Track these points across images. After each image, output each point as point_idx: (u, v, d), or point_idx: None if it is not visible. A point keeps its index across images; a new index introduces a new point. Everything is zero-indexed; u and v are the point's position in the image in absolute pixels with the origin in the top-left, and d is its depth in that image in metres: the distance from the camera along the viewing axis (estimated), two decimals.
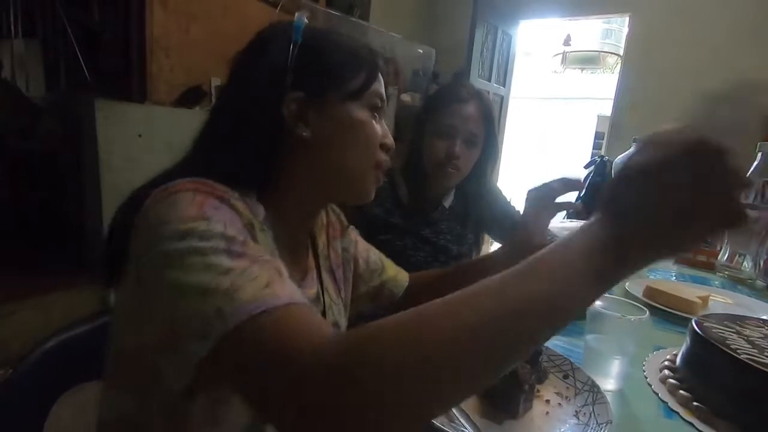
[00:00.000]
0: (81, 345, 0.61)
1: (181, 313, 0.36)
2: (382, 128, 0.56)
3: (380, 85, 0.55)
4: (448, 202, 1.15)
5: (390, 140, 0.56)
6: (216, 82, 2.32)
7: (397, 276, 0.76)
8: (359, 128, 0.53)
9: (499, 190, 1.29)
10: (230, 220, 0.40)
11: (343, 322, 0.65)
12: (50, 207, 1.91)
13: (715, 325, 0.62)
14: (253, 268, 0.37)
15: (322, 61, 0.51)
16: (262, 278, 0.36)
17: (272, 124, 0.49)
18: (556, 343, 0.71)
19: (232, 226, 0.40)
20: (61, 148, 1.85)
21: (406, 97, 3.13)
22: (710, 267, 1.26)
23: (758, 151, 1.16)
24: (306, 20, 0.52)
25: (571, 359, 0.61)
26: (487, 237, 1.35)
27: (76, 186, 1.79)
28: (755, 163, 1.15)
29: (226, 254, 0.37)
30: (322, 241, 0.65)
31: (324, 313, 0.60)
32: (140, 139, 1.79)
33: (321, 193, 0.56)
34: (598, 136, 7.03)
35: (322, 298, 0.60)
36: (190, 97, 2.17)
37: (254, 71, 0.51)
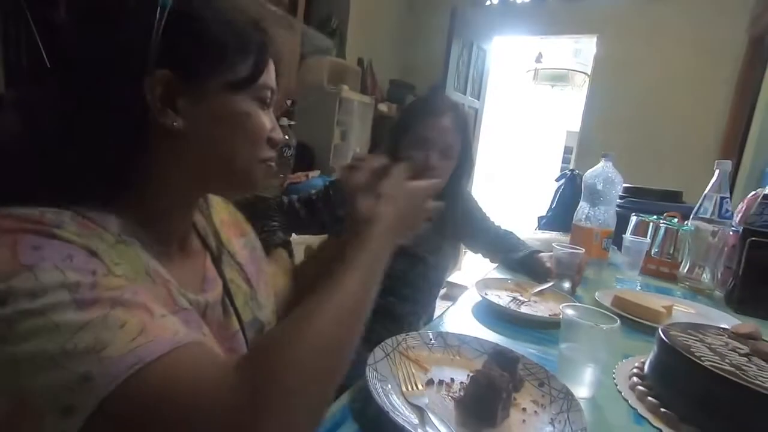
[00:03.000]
0: None
1: (30, 388, 0.29)
2: (270, 121, 0.49)
3: (270, 75, 0.47)
4: None
5: (278, 135, 0.50)
6: None
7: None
8: (245, 121, 0.45)
9: (475, 201, 1.31)
10: (65, 257, 0.32)
11: (266, 314, 0.60)
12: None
13: (680, 334, 0.65)
14: (115, 313, 0.31)
15: (200, 37, 0.41)
16: (132, 323, 0.30)
17: (128, 109, 0.39)
18: (531, 352, 0.72)
19: (70, 268, 0.32)
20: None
21: (383, 107, 3.15)
22: (673, 278, 1.32)
23: (715, 169, 1.23)
24: None
25: (546, 368, 0.62)
26: (462, 248, 1.37)
27: None
28: (712, 180, 1.22)
29: (73, 307, 0.30)
30: (224, 236, 0.59)
31: (237, 312, 0.54)
32: None
33: (198, 187, 0.49)
34: (567, 150, 7.29)
35: (228, 299, 0.54)
36: None
37: (106, 38, 0.39)
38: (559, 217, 2.31)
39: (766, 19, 2.46)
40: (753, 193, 1.22)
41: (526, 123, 7.68)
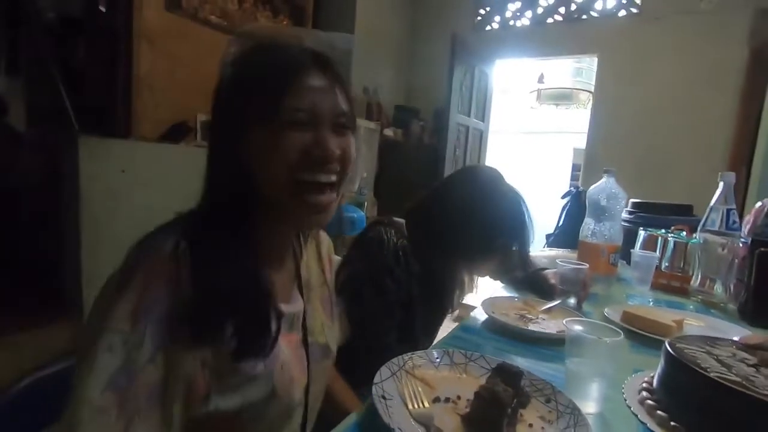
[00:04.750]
0: (55, 384, 0.60)
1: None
2: (305, 138, 0.52)
3: (298, 98, 0.51)
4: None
5: (318, 149, 0.52)
6: (202, 118, 2.36)
7: None
8: (273, 152, 0.51)
9: None
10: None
11: (334, 347, 0.71)
12: (28, 244, 1.86)
13: (687, 346, 0.64)
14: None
15: (249, 83, 0.52)
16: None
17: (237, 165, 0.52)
18: (539, 369, 0.72)
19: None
20: (42, 184, 1.84)
21: (389, 132, 3.21)
22: (684, 292, 1.30)
23: (720, 180, 1.23)
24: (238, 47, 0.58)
25: (552, 384, 0.62)
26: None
27: (56, 222, 1.77)
28: (717, 192, 1.22)
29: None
30: (317, 268, 0.71)
31: (305, 332, 0.64)
32: (123, 175, 1.79)
33: (281, 220, 0.58)
34: (575, 167, 7.29)
35: (306, 321, 0.65)
36: (175, 133, 2.20)
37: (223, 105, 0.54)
38: (567, 233, 2.30)
39: (765, 31, 2.49)
40: (759, 204, 1.21)
41: (533, 142, 7.71)
